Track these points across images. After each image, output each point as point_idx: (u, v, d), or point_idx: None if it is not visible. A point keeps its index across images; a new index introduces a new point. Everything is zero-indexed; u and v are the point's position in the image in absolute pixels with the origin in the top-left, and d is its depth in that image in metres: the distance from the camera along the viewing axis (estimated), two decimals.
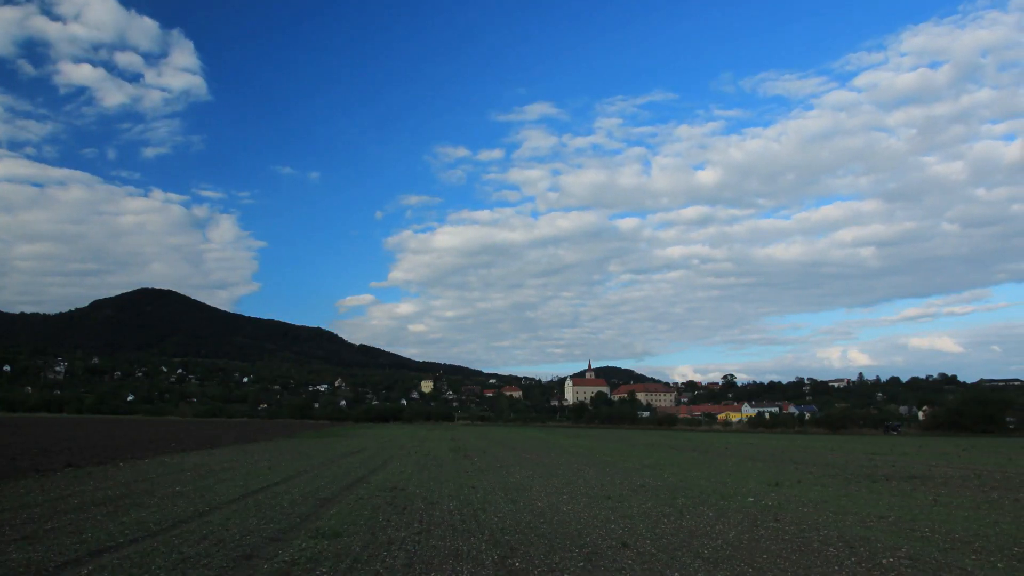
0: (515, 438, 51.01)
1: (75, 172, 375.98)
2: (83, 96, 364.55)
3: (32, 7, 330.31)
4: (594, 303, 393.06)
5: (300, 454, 27.91)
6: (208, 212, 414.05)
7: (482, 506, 12.93)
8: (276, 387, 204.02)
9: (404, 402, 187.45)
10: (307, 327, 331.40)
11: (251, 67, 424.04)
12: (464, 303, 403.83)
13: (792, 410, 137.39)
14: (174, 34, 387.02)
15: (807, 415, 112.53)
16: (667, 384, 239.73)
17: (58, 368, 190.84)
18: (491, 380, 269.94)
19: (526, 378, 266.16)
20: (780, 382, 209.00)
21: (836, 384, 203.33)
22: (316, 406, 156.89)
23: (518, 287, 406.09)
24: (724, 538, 9.93)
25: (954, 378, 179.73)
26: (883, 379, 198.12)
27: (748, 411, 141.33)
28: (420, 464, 23.28)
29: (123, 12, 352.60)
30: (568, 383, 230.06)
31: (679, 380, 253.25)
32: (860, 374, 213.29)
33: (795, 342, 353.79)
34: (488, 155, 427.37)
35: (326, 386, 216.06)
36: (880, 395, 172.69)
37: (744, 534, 10.27)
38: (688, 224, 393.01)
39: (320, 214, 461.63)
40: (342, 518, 11.24)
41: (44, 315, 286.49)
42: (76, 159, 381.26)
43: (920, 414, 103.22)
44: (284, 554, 8.49)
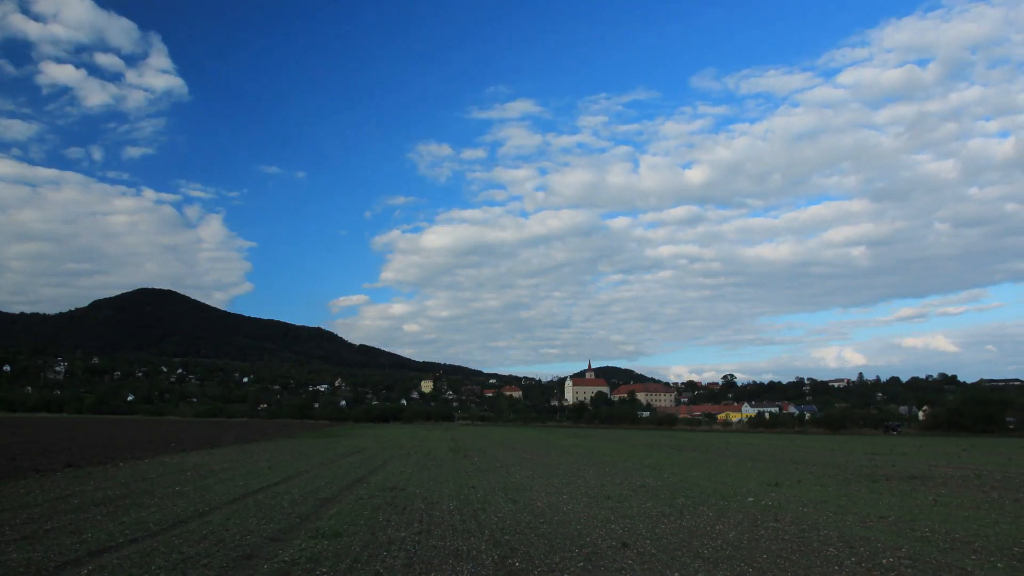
0: (515, 438, 51.02)
1: (61, 172, 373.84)
2: (66, 96, 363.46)
3: (11, 4, 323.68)
4: (586, 303, 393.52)
5: (300, 454, 27.92)
6: (199, 212, 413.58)
7: (482, 506, 12.93)
8: (276, 387, 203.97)
9: (404, 402, 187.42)
10: (307, 327, 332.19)
11: (231, 67, 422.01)
12: (457, 303, 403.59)
13: (792, 410, 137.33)
14: (152, 36, 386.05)
15: (807, 415, 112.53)
16: (667, 384, 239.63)
17: (58, 368, 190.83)
18: (491, 380, 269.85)
19: (526, 378, 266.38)
20: (780, 382, 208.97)
21: (836, 384, 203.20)
22: (316, 406, 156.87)
23: (509, 287, 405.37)
24: (724, 538, 9.93)
25: (954, 378, 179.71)
26: (881, 379, 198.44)
27: (748, 411, 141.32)
28: (420, 464, 23.29)
29: (100, 13, 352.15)
30: (568, 383, 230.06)
31: (674, 380, 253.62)
32: (860, 374, 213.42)
33: (789, 342, 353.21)
34: (472, 154, 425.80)
35: (326, 386, 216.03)
36: (880, 395, 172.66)
37: (744, 534, 10.27)
38: (678, 224, 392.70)
39: (308, 214, 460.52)
40: (342, 518, 11.24)
41: (44, 315, 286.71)
42: (61, 159, 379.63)
43: (920, 414, 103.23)
44: (284, 554, 8.49)
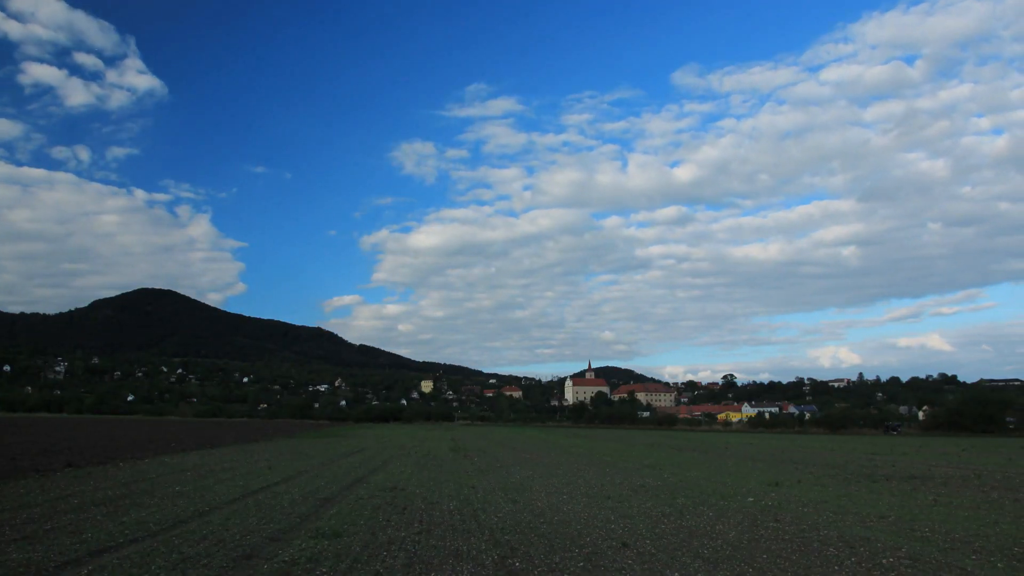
0: (515, 438, 51.02)
1: (50, 172, 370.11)
2: (48, 95, 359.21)
3: None
4: (578, 303, 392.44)
5: (300, 454, 27.92)
6: (190, 212, 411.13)
7: (482, 506, 12.93)
8: (276, 387, 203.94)
9: (404, 402, 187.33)
10: (307, 327, 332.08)
11: (211, 68, 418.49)
12: (451, 303, 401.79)
13: (792, 410, 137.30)
14: (128, 37, 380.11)
15: (807, 415, 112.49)
16: (667, 384, 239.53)
17: (58, 368, 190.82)
18: (491, 380, 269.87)
19: (526, 378, 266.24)
20: (780, 382, 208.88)
21: (836, 384, 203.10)
22: (316, 406, 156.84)
23: (501, 287, 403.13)
24: (724, 538, 9.93)
25: (954, 378, 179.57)
26: (881, 379, 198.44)
27: (748, 411, 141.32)
28: (420, 464, 23.29)
29: (75, 13, 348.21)
30: (568, 383, 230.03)
31: (668, 380, 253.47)
32: (860, 374, 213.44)
33: (784, 343, 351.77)
34: (456, 153, 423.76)
35: (326, 386, 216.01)
36: (880, 395, 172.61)
37: (744, 534, 10.27)
38: (668, 223, 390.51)
39: (297, 215, 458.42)
40: (342, 518, 11.24)
41: (44, 315, 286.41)
42: (47, 159, 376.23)
43: (920, 414, 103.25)
44: (284, 554, 8.49)
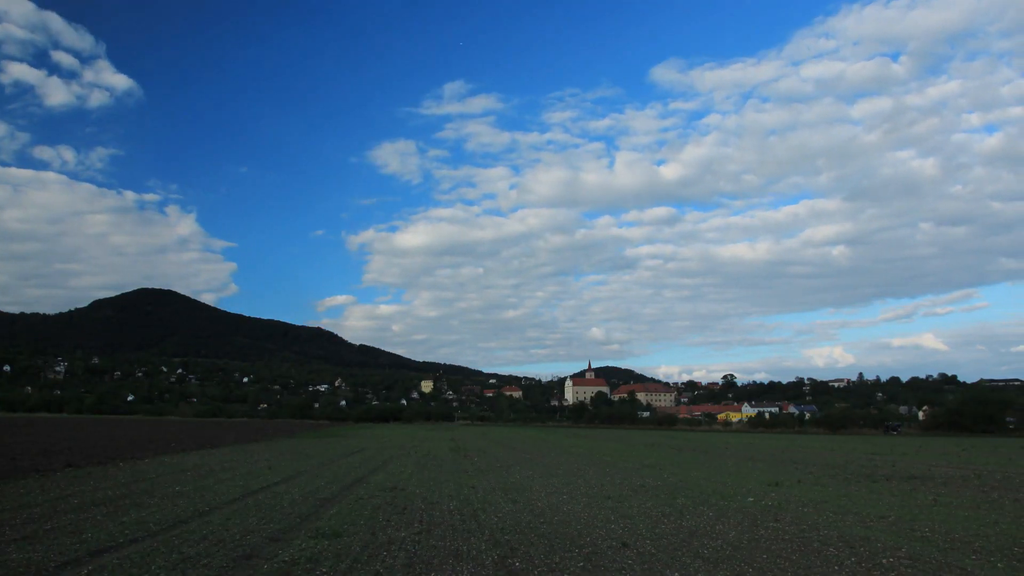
0: (515, 438, 51.01)
1: (37, 173, 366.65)
2: (29, 95, 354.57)
3: None
4: (569, 303, 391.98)
5: (300, 454, 27.91)
6: (179, 213, 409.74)
7: (482, 506, 12.93)
8: (276, 387, 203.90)
9: (404, 402, 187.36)
10: (307, 327, 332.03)
11: (188, 69, 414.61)
12: (442, 303, 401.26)
13: (792, 410, 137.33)
14: (100, 40, 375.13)
15: (807, 415, 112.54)
16: (667, 384, 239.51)
17: (58, 368, 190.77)
18: (491, 380, 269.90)
19: (526, 378, 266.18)
20: (780, 382, 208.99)
21: (836, 384, 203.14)
22: (316, 406, 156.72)
23: (491, 287, 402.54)
24: (724, 538, 9.93)
25: (954, 378, 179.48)
26: (880, 379, 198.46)
27: (748, 411, 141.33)
28: (420, 464, 23.29)
29: (46, 14, 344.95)
30: (568, 383, 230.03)
31: (663, 380, 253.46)
32: (860, 374, 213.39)
33: (779, 343, 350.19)
34: (438, 152, 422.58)
35: (326, 386, 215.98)
36: (880, 395, 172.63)
37: (744, 534, 10.27)
38: (656, 223, 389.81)
39: (284, 215, 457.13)
40: (342, 518, 11.25)
41: (44, 315, 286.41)
42: (30, 159, 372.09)
43: (920, 414, 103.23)
44: (284, 554, 8.49)
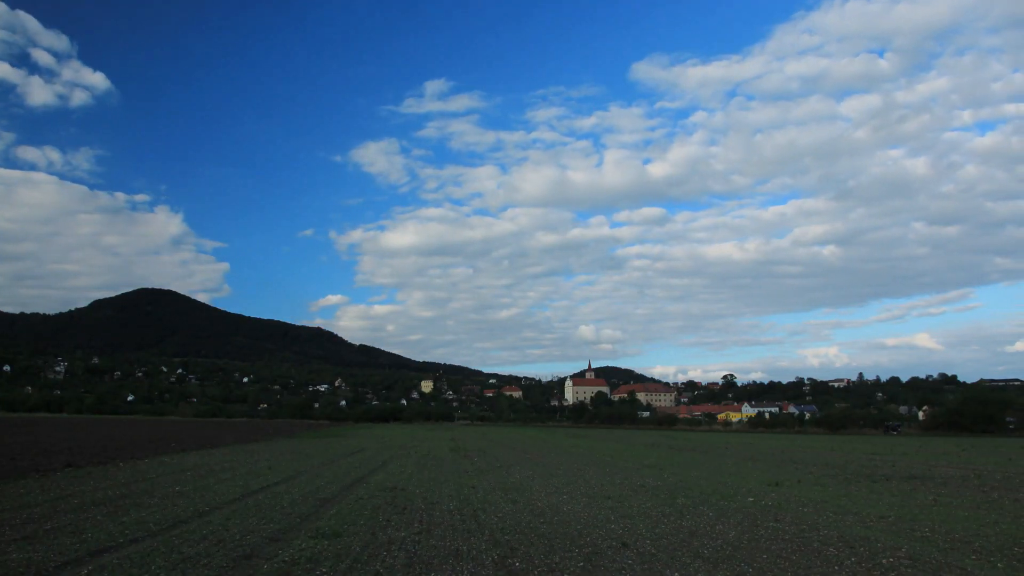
0: (515, 438, 51.01)
1: (25, 173, 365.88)
2: (11, 95, 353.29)
3: None
4: (562, 303, 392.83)
5: (300, 454, 27.91)
6: (168, 213, 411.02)
7: (482, 506, 12.93)
8: (276, 387, 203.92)
9: (404, 402, 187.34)
10: (307, 327, 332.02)
11: (166, 70, 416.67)
12: (434, 303, 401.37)
13: (792, 410, 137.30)
14: (75, 40, 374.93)
15: (807, 415, 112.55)
16: (667, 384, 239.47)
17: (58, 368, 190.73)
18: (491, 380, 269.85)
19: (526, 378, 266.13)
20: (780, 382, 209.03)
21: (836, 384, 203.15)
22: (316, 406, 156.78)
23: (483, 287, 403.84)
24: (724, 538, 9.93)
25: (954, 378, 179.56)
26: (881, 379, 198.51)
27: (748, 411, 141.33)
28: (420, 464, 23.29)
29: (21, 14, 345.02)
30: (568, 383, 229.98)
31: (658, 379, 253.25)
32: (860, 374, 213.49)
33: (773, 343, 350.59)
34: (421, 152, 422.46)
35: (326, 386, 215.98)
36: (880, 395, 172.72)
37: (744, 534, 10.27)
38: (647, 223, 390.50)
39: (272, 215, 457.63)
40: (342, 518, 11.24)
41: (44, 315, 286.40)
42: (15, 159, 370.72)
43: (920, 414, 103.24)
44: (284, 554, 8.49)
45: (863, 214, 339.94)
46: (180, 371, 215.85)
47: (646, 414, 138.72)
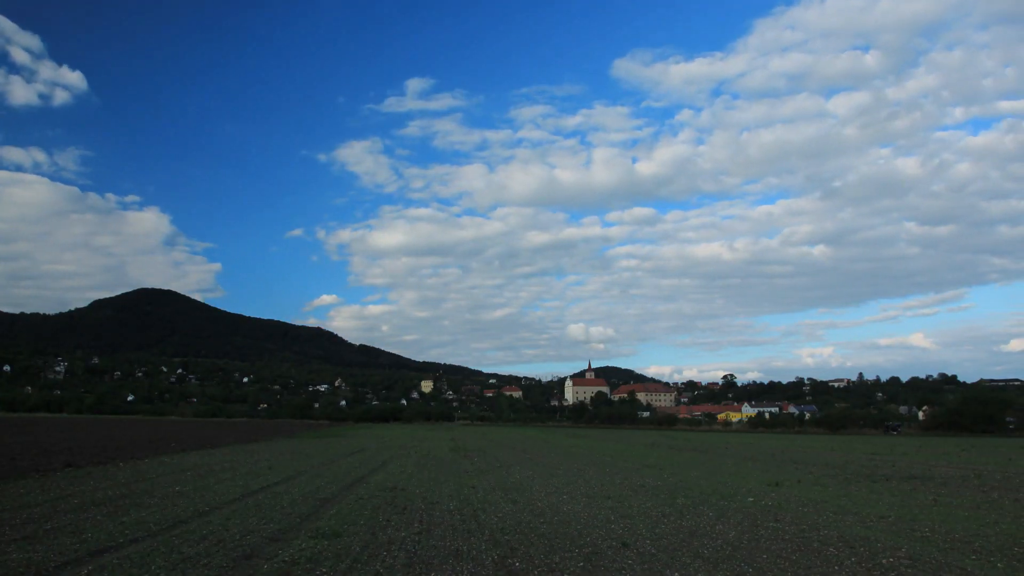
0: (515, 438, 51.01)
1: (12, 174, 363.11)
2: None
3: None
4: (554, 303, 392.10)
5: (300, 454, 27.91)
6: (157, 213, 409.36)
7: (482, 506, 12.93)
8: (276, 387, 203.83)
9: (404, 402, 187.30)
10: (307, 327, 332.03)
11: (144, 69, 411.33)
12: (427, 304, 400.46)
13: (792, 410, 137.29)
14: (46, 39, 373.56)
15: (807, 415, 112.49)
16: (667, 384, 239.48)
17: (58, 368, 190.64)
18: (491, 380, 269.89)
19: (526, 378, 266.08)
20: (780, 382, 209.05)
21: (836, 384, 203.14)
22: (316, 406, 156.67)
23: (475, 287, 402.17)
24: (724, 538, 9.93)
25: (954, 378, 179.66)
26: (879, 379, 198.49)
27: (748, 411, 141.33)
28: (420, 464, 23.29)
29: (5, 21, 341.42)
30: (568, 383, 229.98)
31: (656, 379, 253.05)
32: (860, 374, 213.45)
33: (768, 343, 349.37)
34: (404, 151, 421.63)
35: (326, 386, 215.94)
36: (880, 395, 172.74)
37: (744, 534, 10.27)
38: (637, 223, 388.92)
39: (261, 215, 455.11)
40: (342, 518, 11.25)
41: (44, 315, 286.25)
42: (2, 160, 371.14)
43: (920, 414, 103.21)
44: (284, 554, 8.49)
45: (852, 213, 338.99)
46: (180, 371, 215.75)
47: (646, 414, 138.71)
